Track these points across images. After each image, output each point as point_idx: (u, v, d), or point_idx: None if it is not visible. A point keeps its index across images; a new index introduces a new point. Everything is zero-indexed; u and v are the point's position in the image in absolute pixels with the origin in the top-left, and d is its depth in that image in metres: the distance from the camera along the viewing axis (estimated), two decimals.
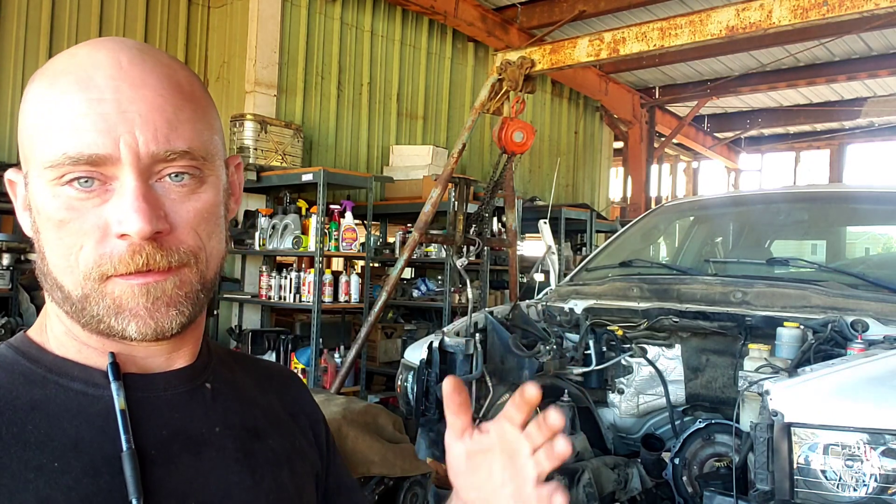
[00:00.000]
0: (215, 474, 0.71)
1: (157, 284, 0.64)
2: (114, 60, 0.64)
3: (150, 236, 0.62)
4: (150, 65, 0.65)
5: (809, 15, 3.16)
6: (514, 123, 4.04)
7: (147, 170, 0.63)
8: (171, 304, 0.66)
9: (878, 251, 4.36)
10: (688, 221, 3.90)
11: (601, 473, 2.46)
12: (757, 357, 2.19)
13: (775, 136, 14.79)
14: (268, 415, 0.81)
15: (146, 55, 0.66)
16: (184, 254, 0.66)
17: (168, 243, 0.65)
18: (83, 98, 0.62)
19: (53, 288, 0.66)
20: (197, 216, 0.67)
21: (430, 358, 2.33)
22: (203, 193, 0.67)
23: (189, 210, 0.66)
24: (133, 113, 0.62)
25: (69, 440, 0.64)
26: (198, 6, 6.57)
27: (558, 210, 7.16)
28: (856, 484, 1.71)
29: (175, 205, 0.65)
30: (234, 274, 6.23)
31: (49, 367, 0.67)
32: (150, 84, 0.64)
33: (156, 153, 0.63)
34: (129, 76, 0.63)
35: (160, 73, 0.65)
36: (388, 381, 6.04)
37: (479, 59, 8.81)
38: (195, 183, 0.67)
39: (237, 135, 5.78)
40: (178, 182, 0.65)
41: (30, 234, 0.68)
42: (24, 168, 0.67)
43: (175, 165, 0.65)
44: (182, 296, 0.66)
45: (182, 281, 0.66)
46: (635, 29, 3.75)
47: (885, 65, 9.69)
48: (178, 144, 0.64)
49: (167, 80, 0.65)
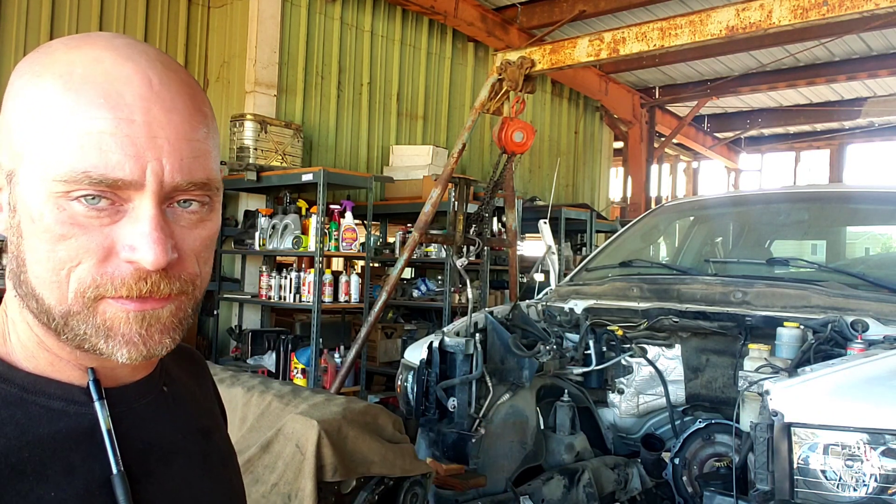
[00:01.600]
0: (186, 483, 0.72)
1: (153, 312, 0.63)
2: (144, 78, 0.61)
3: (163, 268, 0.61)
4: (177, 85, 0.63)
5: (809, 15, 3.16)
6: (514, 123, 4.04)
7: (166, 197, 0.62)
8: (165, 331, 0.64)
9: (877, 251, 4.36)
10: (688, 221, 3.90)
11: (601, 473, 2.46)
12: (757, 357, 2.19)
13: (775, 136, 14.79)
14: (206, 410, 0.83)
15: (172, 73, 0.64)
16: (184, 282, 0.65)
17: (173, 272, 0.63)
18: (111, 116, 0.59)
19: (29, 297, 0.63)
20: (202, 244, 0.66)
21: (430, 358, 2.33)
22: (210, 222, 0.67)
23: (196, 238, 0.65)
24: (163, 139, 0.61)
25: (61, 466, 0.62)
26: (198, 6, 6.57)
27: (558, 210, 7.16)
28: (856, 484, 1.71)
29: (184, 232, 0.64)
30: (234, 274, 6.24)
31: (24, 385, 0.64)
32: (178, 108, 0.62)
33: (179, 184, 0.62)
34: (160, 98, 0.61)
35: (186, 95, 0.64)
36: (388, 381, 6.04)
37: (479, 59, 8.81)
38: (205, 211, 0.66)
39: (237, 135, 5.78)
40: (188, 209, 0.64)
41: (0, 233, 0.65)
42: (11, 165, 0.62)
43: (190, 194, 0.64)
44: (176, 322, 0.65)
45: (178, 308, 0.65)
46: (635, 29, 3.75)
47: (885, 65, 9.69)
48: (199, 176, 0.63)
49: (192, 104, 0.64)
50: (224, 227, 5.91)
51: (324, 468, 1.54)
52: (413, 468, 1.69)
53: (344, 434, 1.59)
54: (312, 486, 1.52)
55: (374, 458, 1.62)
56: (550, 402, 2.60)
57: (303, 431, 1.57)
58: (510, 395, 2.40)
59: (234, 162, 5.71)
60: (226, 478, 0.79)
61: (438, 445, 2.27)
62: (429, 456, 2.24)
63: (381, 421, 1.70)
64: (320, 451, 1.54)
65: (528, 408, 2.44)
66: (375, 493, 1.64)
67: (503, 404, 2.37)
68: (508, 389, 2.40)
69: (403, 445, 1.71)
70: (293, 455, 1.57)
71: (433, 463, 2.08)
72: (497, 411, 2.34)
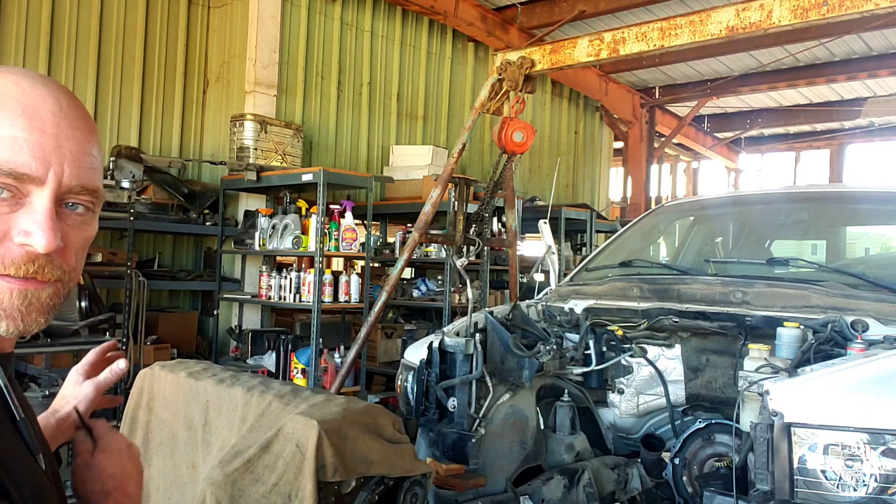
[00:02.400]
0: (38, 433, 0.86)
1: (34, 292, 0.75)
2: (56, 99, 0.76)
3: (52, 252, 0.73)
4: (80, 111, 0.78)
5: (809, 15, 3.16)
6: (514, 123, 4.04)
7: (60, 197, 0.75)
8: (42, 311, 0.76)
9: (877, 251, 4.36)
10: (688, 221, 3.90)
11: (601, 473, 2.46)
12: (757, 357, 2.19)
13: (775, 136, 14.79)
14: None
15: (76, 102, 0.79)
16: (64, 271, 0.77)
17: (57, 260, 0.76)
18: (27, 125, 0.72)
19: None
20: (82, 243, 0.80)
21: (430, 358, 2.33)
22: (90, 226, 0.81)
23: (78, 237, 0.79)
24: (66, 149, 0.75)
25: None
26: (198, 6, 6.57)
27: (558, 210, 7.16)
28: (856, 484, 1.71)
29: (69, 230, 0.77)
30: (234, 274, 6.23)
31: None
32: (81, 128, 0.77)
33: (73, 186, 0.75)
34: (68, 117, 0.76)
35: (86, 120, 0.79)
36: (388, 381, 6.04)
37: (479, 59, 8.81)
38: (89, 216, 0.80)
39: (237, 135, 5.78)
40: (75, 211, 0.78)
41: None
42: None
43: (79, 198, 0.77)
44: (51, 305, 0.77)
45: (55, 293, 0.77)
46: (635, 29, 3.75)
47: (885, 65, 9.69)
48: (91, 184, 0.78)
49: (89, 128, 0.79)
50: (224, 226, 5.92)
51: (324, 468, 1.54)
52: (413, 468, 1.69)
53: (344, 434, 1.59)
54: (312, 486, 1.52)
55: (374, 458, 1.62)
56: (550, 402, 2.60)
57: (303, 431, 1.57)
58: (510, 395, 2.40)
59: (234, 162, 5.71)
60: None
61: (438, 445, 2.27)
62: (429, 456, 2.24)
63: (381, 421, 1.70)
64: (320, 451, 1.54)
65: (528, 408, 2.44)
66: (375, 493, 1.64)
67: (503, 404, 2.36)
68: (508, 389, 2.40)
69: (403, 445, 1.71)
70: (293, 455, 1.57)
71: (433, 463, 2.08)
72: (497, 411, 2.34)
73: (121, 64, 6.03)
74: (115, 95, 6.00)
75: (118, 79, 6.02)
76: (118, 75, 6.01)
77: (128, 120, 6.07)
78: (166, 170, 5.69)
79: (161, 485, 1.92)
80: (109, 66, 5.95)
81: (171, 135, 6.37)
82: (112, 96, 5.97)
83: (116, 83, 6.00)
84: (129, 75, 6.07)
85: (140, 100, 6.14)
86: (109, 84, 5.96)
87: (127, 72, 6.07)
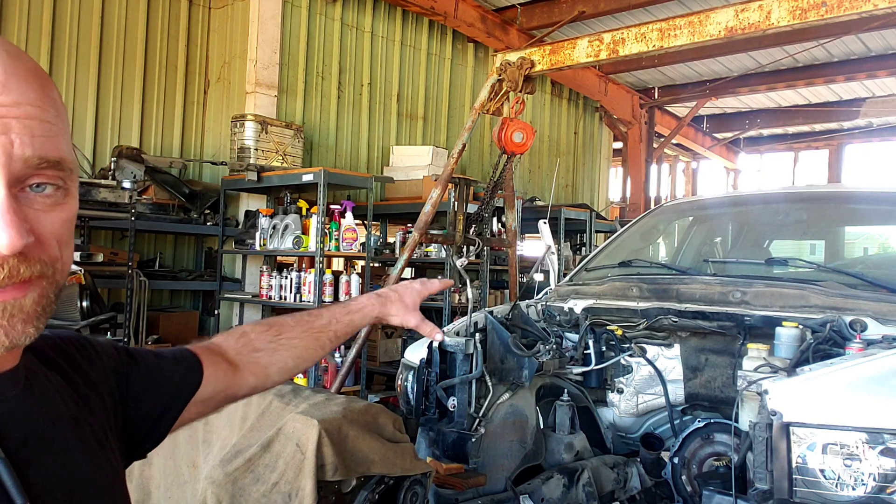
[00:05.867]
0: (67, 468, 0.72)
1: (14, 302, 0.62)
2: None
3: (20, 251, 0.60)
4: (24, 73, 0.63)
5: (808, 16, 3.16)
6: (513, 124, 4.05)
7: (16, 179, 0.61)
8: (28, 320, 0.63)
9: (876, 251, 4.37)
10: (687, 221, 3.90)
11: (601, 473, 2.47)
12: (756, 357, 2.19)
13: (774, 136, 14.80)
14: (82, 396, 0.81)
15: (19, 62, 0.63)
16: (45, 265, 0.64)
17: (32, 255, 0.62)
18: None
19: None
20: (61, 227, 0.66)
21: (430, 358, 2.33)
22: (66, 205, 0.66)
23: (54, 221, 0.65)
24: (11, 119, 0.60)
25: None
26: (199, 7, 6.58)
27: (558, 210, 7.17)
28: (854, 483, 1.71)
29: (39, 216, 0.63)
30: (235, 274, 6.24)
31: None
32: (31, 85, 0.63)
33: (30, 159, 0.61)
34: (6, 85, 0.61)
35: (34, 81, 0.64)
36: (388, 381, 6.05)
37: (479, 59, 8.82)
38: (60, 195, 0.65)
39: (238, 135, 5.79)
40: (42, 192, 0.64)
41: None
42: None
43: (43, 174, 0.63)
44: (39, 311, 0.64)
45: (40, 294, 0.64)
46: (635, 30, 3.75)
47: (884, 65, 9.70)
48: (52, 154, 0.63)
49: (41, 90, 0.64)
50: (225, 227, 5.92)
51: (324, 467, 1.55)
52: (413, 467, 1.70)
53: (344, 433, 1.60)
54: (313, 485, 1.53)
55: (374, 458, 1.63)
56: (550, 401, 2.61)
57: (303, 431, 1.58)
58: (510, 394, 2.40)
59: (234, 162, 5.72)
60: (104, 459, 0.78)
61: (438, 445, 2.28)
62: (429, 455, 2.25)
63: (381, 420, 1.71)
64: (321, 451, 1.55)
65: (528, 407, 2.45)
66: (375, 493, 1.65)
67: (503, 404, 2.37)
68: (508, 389, 2.41)
69: (403, 445, 1.72)
70: (294, 454, 1.57)
71: (433, 462, 2.08)
72: (497, 411, 2.35)
73: (122, 65, 6.04)
74: (117, 96, 6.01)
75: (119, 79, 6.03)
76: (119, 76, 6.02)
77: (129, 120, 6.08)
78: (167, 170, 5.70)
79: (162, 484, 1.92)
80: (111, 67, 5.96)
81: (172, 135, 6.38)
82: (113, 97, 5.98)
83: (118, 84, 6.01)
84: (130, 76, 6.08)
85: (141, 100, 6.15)
86: (111, 85, 5.97)
87: (128, 72, 6.08)
